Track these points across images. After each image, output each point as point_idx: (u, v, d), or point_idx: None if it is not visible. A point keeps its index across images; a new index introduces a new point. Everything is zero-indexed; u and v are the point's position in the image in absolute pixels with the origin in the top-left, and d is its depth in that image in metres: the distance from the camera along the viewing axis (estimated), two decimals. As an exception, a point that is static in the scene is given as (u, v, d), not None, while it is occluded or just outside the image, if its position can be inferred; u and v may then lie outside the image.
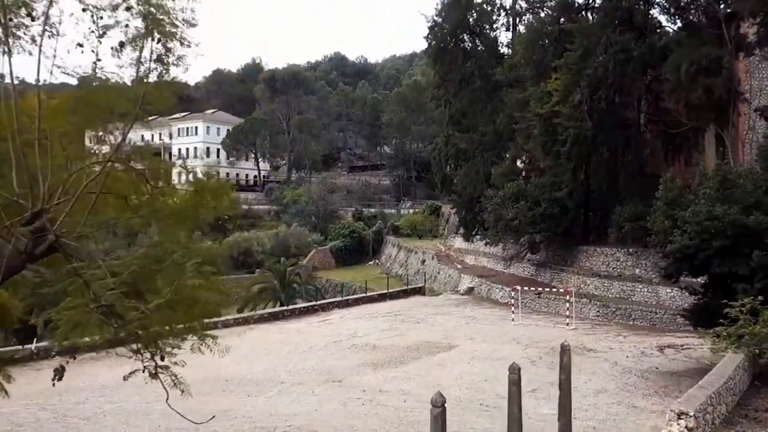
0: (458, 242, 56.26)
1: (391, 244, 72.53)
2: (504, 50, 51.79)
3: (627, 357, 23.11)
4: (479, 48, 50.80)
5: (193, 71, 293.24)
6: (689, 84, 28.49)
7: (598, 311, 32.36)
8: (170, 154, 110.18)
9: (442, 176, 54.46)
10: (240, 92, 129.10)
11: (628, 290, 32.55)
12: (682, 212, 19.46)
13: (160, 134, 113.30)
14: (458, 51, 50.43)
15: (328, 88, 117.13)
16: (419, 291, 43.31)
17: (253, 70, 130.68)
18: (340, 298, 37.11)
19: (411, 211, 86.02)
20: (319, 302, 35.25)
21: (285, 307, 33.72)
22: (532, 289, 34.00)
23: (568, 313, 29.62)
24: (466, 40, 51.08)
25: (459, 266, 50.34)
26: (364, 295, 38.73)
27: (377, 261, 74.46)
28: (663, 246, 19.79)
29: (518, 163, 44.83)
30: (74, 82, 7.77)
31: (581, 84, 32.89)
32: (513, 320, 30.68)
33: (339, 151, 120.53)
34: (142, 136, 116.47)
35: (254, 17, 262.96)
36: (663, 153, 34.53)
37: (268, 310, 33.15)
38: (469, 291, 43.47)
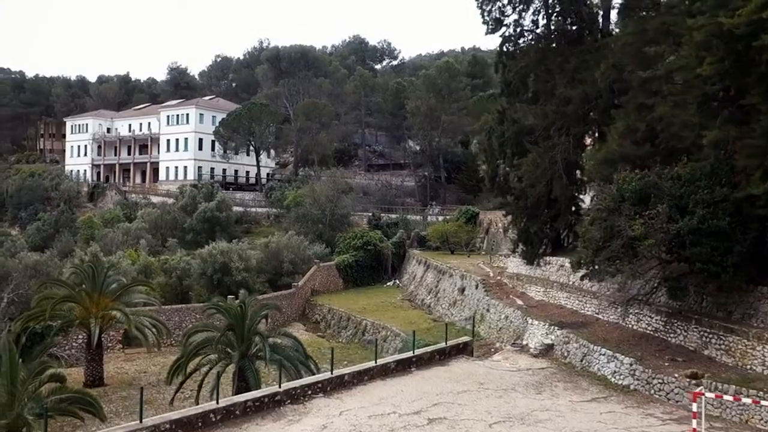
0: (513, 264, 39.35)
1: (416, 260, 55.70)
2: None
3: None
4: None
5: (199, 58, 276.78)
6: None
7: None
8: (158, 146, 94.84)
9: (493, 170, 37.58)
10: (245, 78, 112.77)
11: None
12: None
13: (149, 124, 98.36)
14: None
15: (344, 71, 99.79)
16: (463, 349, 26.48)
17: (260, 52, 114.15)
18: (326, 375, 20.34)
19: (440, 218, 69.27)
20: (285, 387, 18.62)
21: (214, 404, 17.03)
22: (694, 384, 16.84)
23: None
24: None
25: (519, 302, 33.46)
26: (372, 365, 21.84)
27: (397, 281, 57.68)
28: None
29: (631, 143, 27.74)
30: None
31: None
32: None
33: (356, 148, 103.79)
34: (129, 125, 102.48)
35: (267, 6, 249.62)
36: None
37: (174, 414, 16.38)
38: (547, 350, 26.62)
